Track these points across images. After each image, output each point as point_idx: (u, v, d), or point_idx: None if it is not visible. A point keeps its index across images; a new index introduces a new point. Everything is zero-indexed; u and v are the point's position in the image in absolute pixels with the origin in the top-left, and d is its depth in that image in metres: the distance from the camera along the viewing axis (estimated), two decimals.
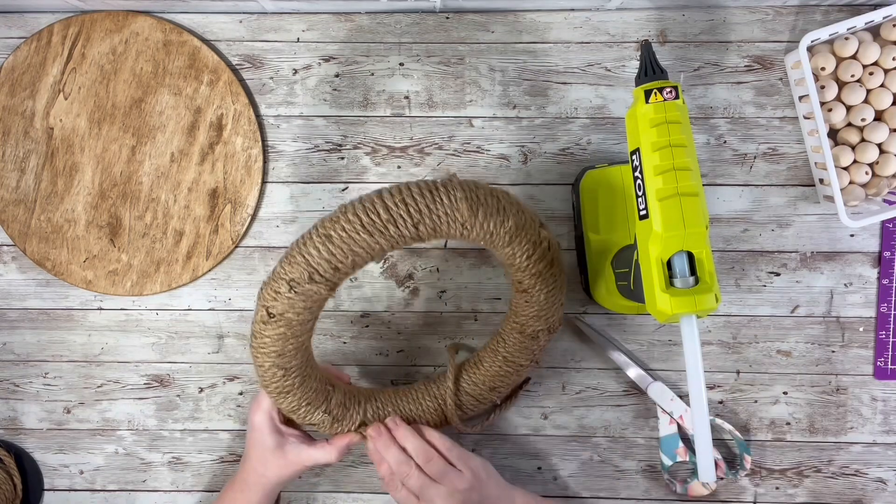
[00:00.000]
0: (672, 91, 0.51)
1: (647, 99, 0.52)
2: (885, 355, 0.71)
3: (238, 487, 0.63)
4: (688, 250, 0.51)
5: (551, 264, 0.59)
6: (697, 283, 0.51)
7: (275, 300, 0.53)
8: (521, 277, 0.59)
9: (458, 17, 0.71)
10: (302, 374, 0.57)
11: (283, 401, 0.59)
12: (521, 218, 0.55)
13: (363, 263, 0.53)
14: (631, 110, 0.54)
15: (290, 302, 0.52)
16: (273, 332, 0.54)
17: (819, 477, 0.72)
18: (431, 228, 0.52)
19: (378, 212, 0.51)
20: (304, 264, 0.51)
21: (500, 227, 0.54)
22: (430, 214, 0.52)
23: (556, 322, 0.63)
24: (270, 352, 0.55)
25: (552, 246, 0.58)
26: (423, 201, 0.52)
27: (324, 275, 0.52)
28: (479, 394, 0.65)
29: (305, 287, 0.52)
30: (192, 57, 0.70)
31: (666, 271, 0.51)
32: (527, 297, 0.60)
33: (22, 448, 0.73)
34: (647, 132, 0.51)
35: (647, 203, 0.51)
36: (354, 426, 0.63)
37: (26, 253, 0.71)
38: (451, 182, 0.53)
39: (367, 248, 0.51)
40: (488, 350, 0.66)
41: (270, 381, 0.57)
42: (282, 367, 0.56)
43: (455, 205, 0.52)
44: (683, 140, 0.51)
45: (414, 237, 0.52)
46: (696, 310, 0.50)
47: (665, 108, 0.51)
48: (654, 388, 0.70)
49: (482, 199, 0.53)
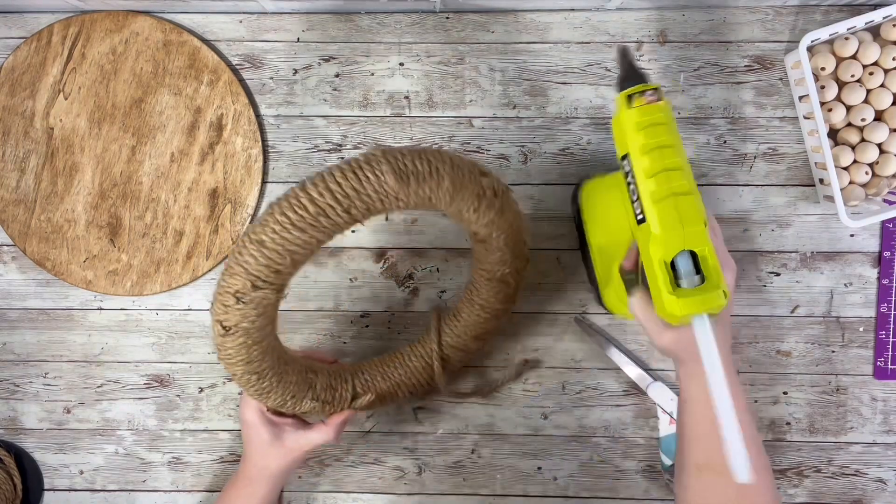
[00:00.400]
0: (653, 93, 0.51)
1: (629, 103, 0.52)
2: (885, 355, 0.71)
3: (242, 484, 0.63)
4: (690, 249, 0.51)
5: (502, 210, 0.57)
6: (704, 282, 0.51)
7: (226, 314, 0.51)
8: (476, 229, 0.58)
9: (458, 17, 0.71)
10: (277, 373, 0.57)
11: (267, 400, 0.59)
12: (458, 174, 0.53)
13: (305, 259, 0.51)
14: (616, 117, 0.53)
15: (242, 313, 0.51)
16: (234, 344, 0.53)
17: (819, 477, 0.72)
18: (364, 209, 0.50)
19: (305, 206, 0.49)
20: (244, 274, 0.50)
21: (437, 189, 0.52)
22: (358, 196, 0.49)
23: (523, 262, 0.62)
24: (237, 361, 0.54)
25: (498, 192, 0.57)
26: (348, 184, 0.49)
27: (266, 279, 0.50)
28: (463, 344, 0.65)
29: (252, 296, 0.50)
30: (192, 57, 0.70)
31: (671, 273, 0.51)
32: (486, 245, 0.60)
33: (22, 448, 0.73)
34: (635, 136, 0.51)
35: (643, 207, 0.51)
36: (347, 403, 0.63)
37: (26, 253, 0.71)
38: (375, 156, 0.50)
39: (303, 245, 0.50)
40: (464, 301, 0.65)
41: (248, 386, 0.57)
42: (254, 372, 0.55)
43: (383, 179, 0.49)
44: (671, 140, 0.51)
45: (349, 222, 0.50)
46: (706, 308, 0.49)
47: (649, 110, 0.51)
48: (654, 388, 0.70)
49: (411, 167, 0.51)
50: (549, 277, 0.72)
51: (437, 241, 0.72)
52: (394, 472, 0.73)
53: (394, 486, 0.73)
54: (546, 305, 0.72)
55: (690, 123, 0.71)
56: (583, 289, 0.72)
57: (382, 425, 0.73)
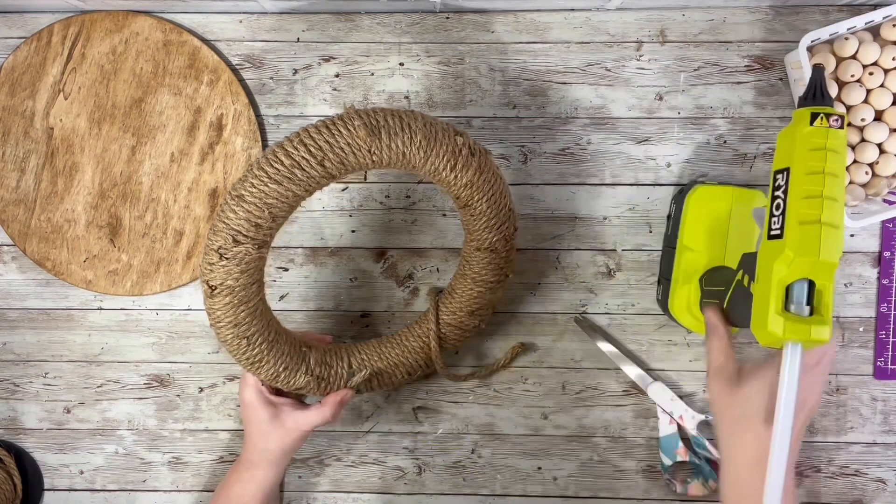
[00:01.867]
0: (839, 120, 0.51)
1: (811, 122, 0.51)
2: (885, 355, 0.71)
3: (243, 468, 0.63)
4: (811, 279, 0.50)
5: (480, 170, 0.58)
6: (812, 314, 0.50)
7: (211, 272, 0.54)
8: (456, 192, 0.59)
9: (458, 17, 0.71)
10: (267, 340, 0.58)
11: (260, 370, 0.59)
12: (431, 130, 0.55)
13: (284, 214, 0.54)
14: (788, 130, 0.53)
15: (226, 269, 0.53)
16: (221, 304, 0.55)
17: (819, 477, 0.72)
18: (338, 162, 0.53)
19: (280, 160, 0.52)
20: (226, 229, 0.53)
21: (410, 144, 0.54)
22: (331, 149, 0.52)
23: (510, 229, 0.63)
24: (226, 324, 0.56)
25: (474, 150, 0.58)
26: (321, 137, 0.52)
27: (247, 234, 0.53)
28: (459, 321, 0.66)
29: (233, 251, 0.53)
30: (192, 57, 0.70)
31: (784, 295, 0.51)
32: (470, 210, 0.60)
33: (22, 448, 0.73)
34: (804, 155, 0.51)
35: (785, 224, 0.50)
36: (343, 381, 0.63)
37: (26, 253, 0.71)
38: (348, 112, 0.53)
39: (281, 198, 0.52)
40: (457, 276, 0.66)
41: (239, 354, 0.58)
42: (242, 336, 0.56)
43: (355, 133, 0.52)
44: (838, 170, 0.50)
45: (325, 175, 0.53)
46: (807, 338, 0.49)
47: (829, 134, 0.50)
48: (654, 388, 0.70)
49: (382, 122, 0.54)
50: (549, 277, 0.72)
51: (437, 241, 0.72)
52: (394, 472, 0.73)
53: (394, 486, 0.73)
54: (546, 305, 0.72)
55: (690, 123, 0.71)
56: (583, 289, 0.72)
57: (382, 425, 0.73)
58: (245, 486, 0.62)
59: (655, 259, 0.72)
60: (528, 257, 0.72)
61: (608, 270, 0.72)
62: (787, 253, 0.50)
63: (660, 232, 0.71)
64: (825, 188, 0.50)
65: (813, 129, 0.51)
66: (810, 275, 0.50)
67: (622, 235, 0.71)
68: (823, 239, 0.49)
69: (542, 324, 0.72)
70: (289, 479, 0.73)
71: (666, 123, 0.71)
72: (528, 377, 0.72)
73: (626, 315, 0.72)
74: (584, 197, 0.71)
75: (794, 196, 0.51)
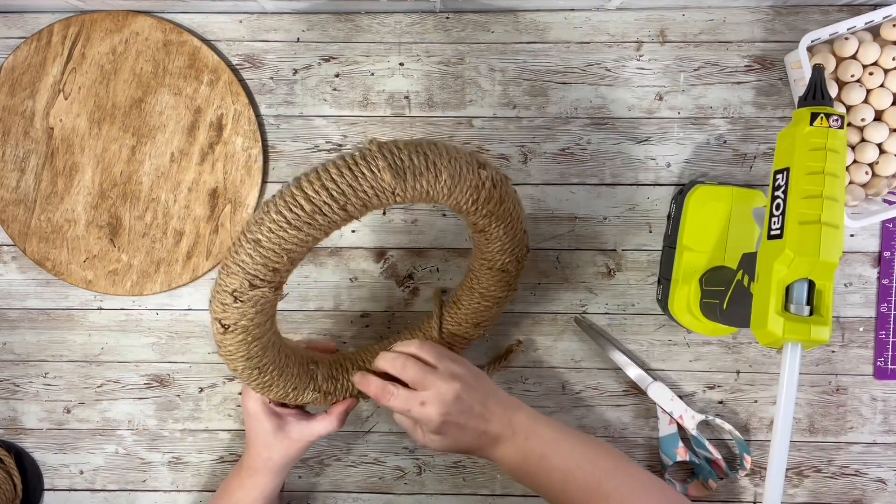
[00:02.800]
0: (839, 120, 0.51)
1: (811, 122, 0.51)
2: (885, 355, 0.71)
3: (245, 474, 0.63)
4: (811, 279, 0.50)
5: (501, 201, 0.57)
6: (811, 315, 0.50)
7: (224, 312, 0.52)
8: (474, 220, 0.58)
9: (458, 17, 0.71)
10: (278, 367, 0.57)
11: (269, 393, 0.59)
12: (456, 167, 0.53)
13: (302, 256, 0.51)
14: (788, 130, 0.53)
15: (240, 311, 0.51)
16: (233, 341, 0.53)
17: (819, 477, 0.72)
18: (361, 206, 0.50)
19: (301, 205, 0.48)
20: (242, 273, 0.50)
21: (435, 183, 0.52)
22: (355, 193, 0.49)
23: (523, 251, 0.63)
24: (238, 357, 0.54)
25: (497, 183, 0.56)
26: (344, 181, 0.49)
27: (264, 279, 0.50)
28: (464, 332, 0.65)
29: (249, 294, 0.51)
30: (192, 57, 0.70)
31: (784, 295, 0.51)
32: (486, 236, 0.60)
33: (22, 448, 0.73)
34: (804, 155, 0.51)
35: (784, 224, 0.51)
36: (349, 392, 0.63)
37: (26, 253, 0.71)
38: (371, 151, 0.50)
39: (300, 243, 0.50)
40: (464, 288, 0.65)
41: (250, 381, 0.57)
42: (255, 367, 0.56)
43: (379, 175, 0.49)
44: (838, 171, 0.50)
45: (345, 219, 0.50)
46: (809, 339, 0.49)
47: (828, 134, 0.51)
48: (654, 388, 0.70)
49: (407, 162, 0.50)
50: (549, 277, 0.72)
51: (437, 241, 0.72)
52: (394, 472, 0.73)
53: (394, 486, 0.73)
54: (546, 305, 0.72)
55: (690, 123, 0.71)
56: (583, 289, 0.72)
57: (382, 425, 0.73)
58: (248, 491, 0.62)
59: (655, 259, 0.72)
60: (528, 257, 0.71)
61: (608, 270, 0.72)
62: (787, 253, 0.50)
63: (660, 232, 0.71)
64: (825, 188, 0.50)
65: (813, 129, 0.51)
66: (810, 275, 0.50)
67: (622, 235, 0.71)
68: (823, 239, 0.49)
69: (542, 324, 0.72)
70: (289, 479, 0.73)
71: (666, 123, 0.71)
72: (528, 377, 0.72)
73: (626, 315, 0.72)
74: (584, 197, 0.71)
75: (794, 196, 0.51)
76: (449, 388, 0.56)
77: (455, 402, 0.55)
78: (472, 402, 0.56)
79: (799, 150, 0.51)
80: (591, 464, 0.57)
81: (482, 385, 0.58)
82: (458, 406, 0.56)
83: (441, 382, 0.56)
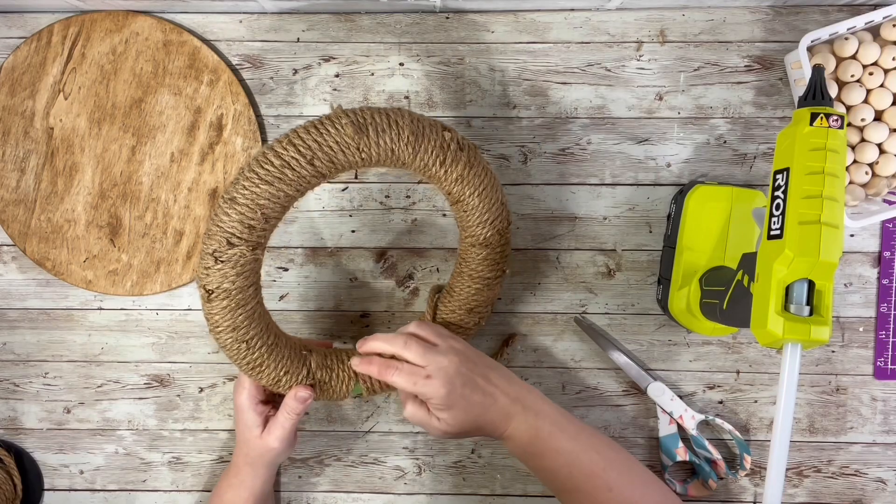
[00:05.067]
0: (839, 120, 0.51)
1: (811, 122, 0.51)
2: (885, 355, 0.71)
3: (233, 472, 0.63)
4: (811, 279, 0.50)
5: (470, 165, 0.59)
6: (811, 315, 0.50)
7: (207, 276, 0.54)
8: (447, 188, 0.59)
9: (458, 17, 0.71)
10: (266, 344, 0.58)
11: (261, 375, 0.59)
12: (418, 125, 0.56)
13: (277, 215, 0.54)
14: (788, 130, 0.53)
15: (221, 272, 0.53)
16: (218, 307, 0.55)
17: (819, 477, 0.72)
18: (328, 161, 0.53)
19: (271, 161, 0.52)
20: (220, 232, 0.53)
21: (398, 140, 0.55)
22: (320, 148, 0.53)
23: (504, 223, 0.63)
24: (225, 328, 0.56)
25: (463, 146, 0.58)
26: (309, 137, 0.53)
27: (240, 236, 0.53)
28: (459, 319, 0.65)
29: (228, 254, 0.53)
30: (192, 57, 0.70)
31: (784, 295, 0.51)
32: (462, 206, 0.61)
33: (22, 448, 0.73)
34: (804, 155, 0.51)
35: (784, 224, 0.51)
36: (345, 385, 0.63)
37: (26, 253, 0.71)
38: (336, 112, 0.54)
39: (273, 199, 0.53)
40: (454, 275, 0.66)
41: (238, 358, 0.58)
42: (241, 340, 0.56)
43: (343, 131, 0.53)
44: (838, 171, 0.50)
45: (315, 175, 0.53)
46: (809, 339, 0.49)
47: (828, 134, 0.51)
48: (654, 388, 0.70)
49: (370, 119, 0.54)
50: (549, 277, 0.72)
51: (437, 241, 0.72)
52: (394, 472, 0.73)
53: (394, 486, 0.73)
54: (546, 305, 0.72)
55: (690, 123, 0.71)
56: (583, 289, 0.72)
57: (382, 425, 0.73)
58: (237, 491, 0.63)
59: (655, 259, 0.72)
60: (528, 257, 0.72)
61: (608, 270, 0.72)
62: (786, 253, 0.50)
63: (660, 232, 0.71)
64: (825, 188, 0.50)
65: (813, 129, 0.51)
66: (810, 275, 0.50)
67: (622, 235, 0.72)
68: (823, 239, 0.49)
69: (542, 324, 0.72)
70: (289, 479, 0.73)
71: (666, 123, 0.71)
72: (528, 377, 0.72)
73: (626, 315, 0.72)
74: (584, 197, 0.71)
75: (794, 196, 0.51)
76: (451, 361, 0.56)
77: (458, 375, 0.56)
78: (475, 376, 0.57)
79: (799, 151, 0.51)
80: (595, 452, 0.57)
81: (483, 360, 0.59)
82: (461, 378, 0.56)
83: (442, 357, 0.57)
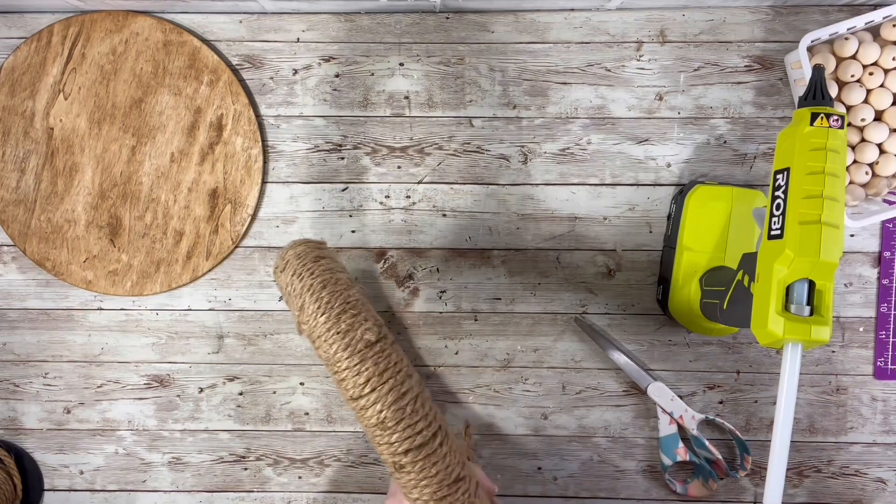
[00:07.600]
0: (839, 120, 0.51)
1: (811, 122, 0.51)
2: (885, 355, 0.71)
3: None
4: (811, 279, 0.51)
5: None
6: (812, 315, 0.50)
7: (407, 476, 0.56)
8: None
9: (458, 17, 0.71)
10: None
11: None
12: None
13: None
14: (788, 130, 0.53)
15: (420, 468, 0.55)
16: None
17: (819, 477, 0.72)
18: None
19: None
20: (391, 454, 0.55)
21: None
22: None
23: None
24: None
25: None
26: None
27: (410, 447, 0.55)
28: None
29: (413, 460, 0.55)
30: (192, 57, 0.70)
31: (784, 295, 0.51)
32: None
33: (22, 448, 0.73)
34: (804, 155, 0.51)
35: (785, 224, 0.51)
36: None
37: (26, 253, 0.71)
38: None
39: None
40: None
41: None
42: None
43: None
44: (839, 171, 0.50)
45: None
46: (809, 338, 0.49)
47: (829, 134, 0.51)
48: (654, 388, 0.70)
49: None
50: (549, 277, 0.72)
51: (437, 241, 0.72)
52: None
53: None
54: (546, 305, 0.72)
55: (690, 123, 0.71)
56: (583, 289, 0.72)
57: None
58: None
59: (655, 259, 0.72)
60: (528, 257, 0.72)
61: (608, 270, 0.72)
62: (787, 253, 0.50)
63: (660, 232, 0.71)
64: (825, 188, 0.50)
65: (813, 129, 0.51)
66: (810, 275, 0.50)
67: (622, 235, 0.72)
68: (823, 239, 0.49)
69: (542, 324, 0.72)
70: (289, 479, 0.73)
71: (666, 123, 0.71)
72: (528, 377, 0.72)
73: (626, 315, 0.72)
74: (584, 197, 0.71)
75: (794, 196, 0.51)
76: None
77: None
78: None
79: (799, 150, 0.51)
80: None
81: None
82: None
83: None
